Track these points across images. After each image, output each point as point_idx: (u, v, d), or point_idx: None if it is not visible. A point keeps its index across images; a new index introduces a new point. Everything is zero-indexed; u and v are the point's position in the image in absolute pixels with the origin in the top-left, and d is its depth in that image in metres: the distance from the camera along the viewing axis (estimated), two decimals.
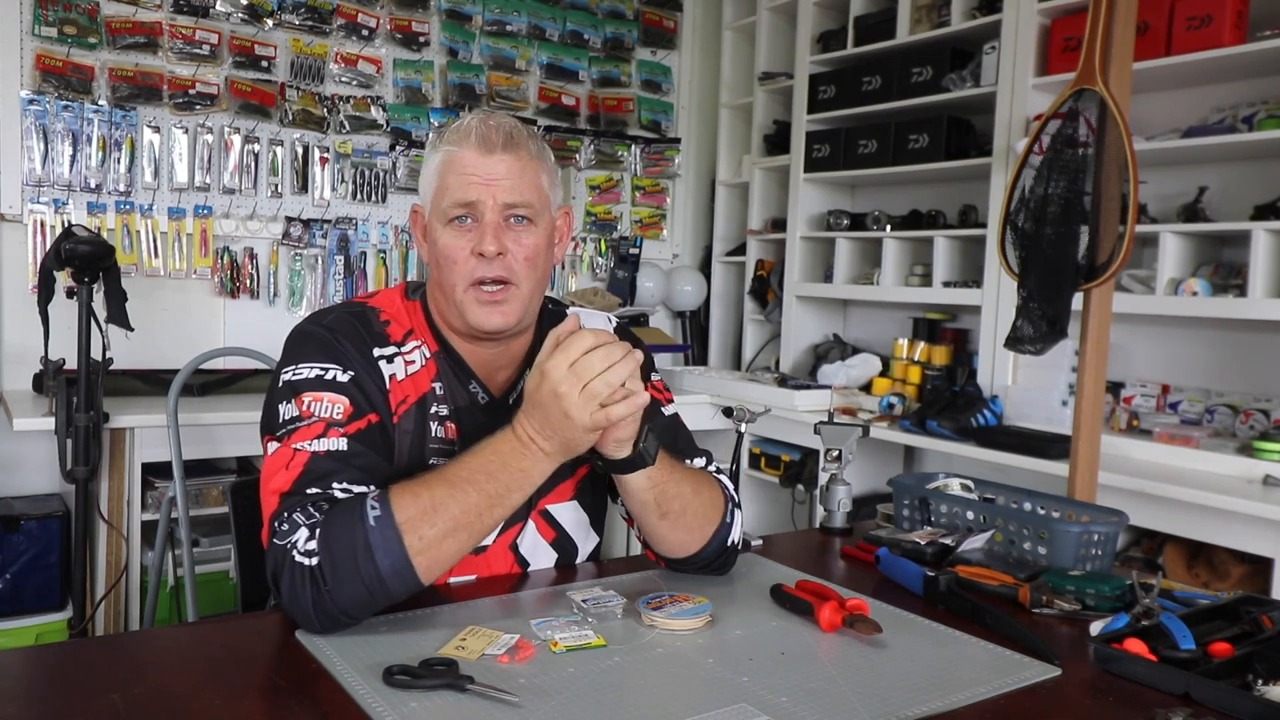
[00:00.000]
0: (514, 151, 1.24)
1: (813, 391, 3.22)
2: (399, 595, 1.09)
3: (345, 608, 1.06)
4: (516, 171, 1.24)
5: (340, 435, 1.16)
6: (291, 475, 1.13)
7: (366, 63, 3.51)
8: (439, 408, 1.30)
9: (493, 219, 1.23)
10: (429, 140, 1.32)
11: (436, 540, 1.08)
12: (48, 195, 3.02)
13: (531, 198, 1.25)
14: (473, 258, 1.23)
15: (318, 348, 1.23)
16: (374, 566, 1.05)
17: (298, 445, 1.15)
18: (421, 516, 1.07)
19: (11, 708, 0.90)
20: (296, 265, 3.42)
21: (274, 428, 1.19)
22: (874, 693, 0.97)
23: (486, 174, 1.22)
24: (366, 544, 1.05)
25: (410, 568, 1.07)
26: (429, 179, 1.27)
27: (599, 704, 0.93)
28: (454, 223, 1.24)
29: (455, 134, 1.25)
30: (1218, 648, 1.06)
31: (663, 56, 4.21)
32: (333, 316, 1.27)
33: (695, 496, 1.27)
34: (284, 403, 1.19)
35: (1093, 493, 2.15)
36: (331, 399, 1.18)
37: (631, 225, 4.18)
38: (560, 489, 1.37)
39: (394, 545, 1.06)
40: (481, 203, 1.23)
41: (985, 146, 3.09)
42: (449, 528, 1.08)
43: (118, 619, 2.62)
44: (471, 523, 1.10)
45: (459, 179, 1.23)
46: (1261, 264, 2.37)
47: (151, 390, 2.85)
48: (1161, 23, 2.57)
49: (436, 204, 1.26)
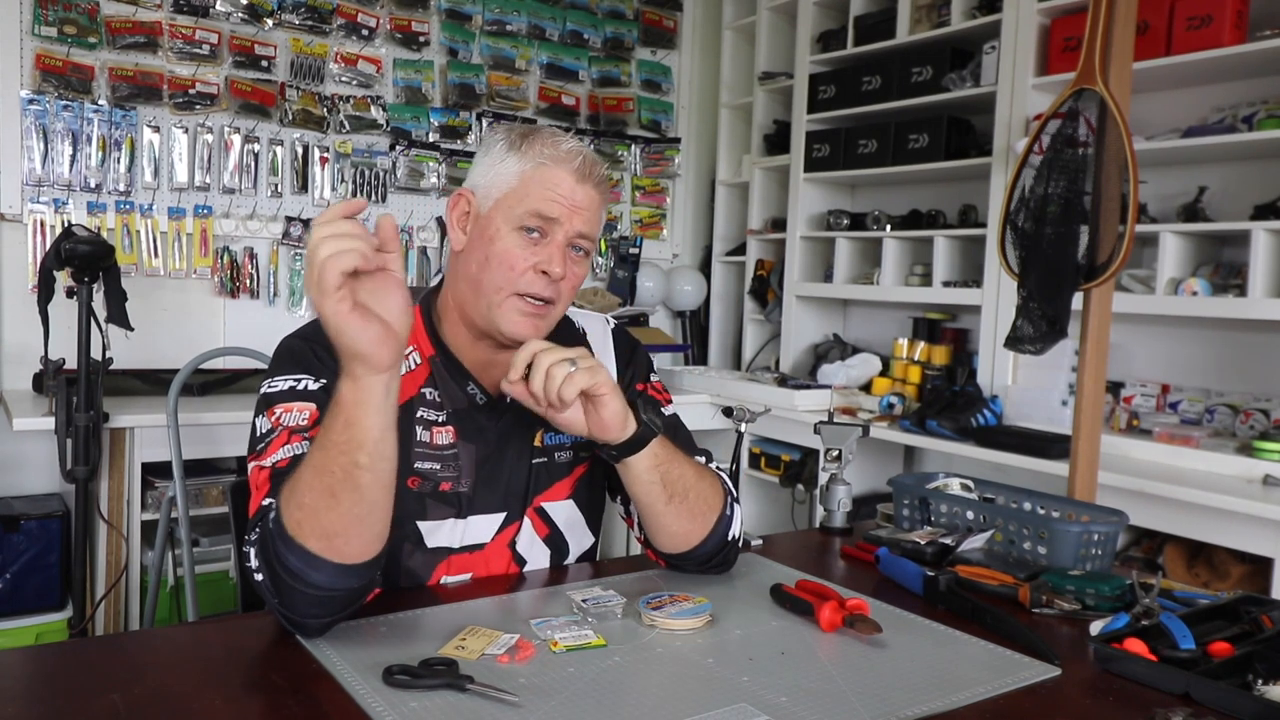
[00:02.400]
0: (599, 188, 1.31)
1: (813, 391, 3.22)
2: (335, 583, 1.03)
3: (300, 613, 1.05)
4: (595, 206, 1.30)
5: (302, 440, 1.16)
6: (259, 495, 1.14)
7: (366, 62, 3.51)
8: (427, 412, 1.30)
9: (562, 241, 1.27)
10: (505, 138, 1.30)
11: (312, 514, 1.02)
12: (48, 195, 3.02)
13: (595, 234, 1.32)
14: (531, 271, 1.26)
15: (292, 360, 1.25)
16: (287, 567, 1.03)
17: (266, 463, 1.16)
18: (290, 499, 1.03)
19: (11, 708, 0.90)
20: (296, 265, 3.42)
21: (252, 446, 1.21)
22: (874, 693, 0.97)
23: (573, 200, 1.27)
24: (276, 549, 1.04)
25: (309, 553, 1.02)
26: (507, 179, 1.28)
27: (599, 704, 0.93)
28: (523, 231, 1.26)
29: (554, 150, 1.27)
30: (1218, 648, 1.06)
31: (663, 56, 4.21)
32: (313, 326, 1.27)
33: (698, 480, 1.30)
34: (259, 416, 1.22)
35: (1093, 493, 2.15)
36: (300, 407, 1.19)
37: (631, 225, 4.18)
38: (557, 487, 1.38)
39: (287, 539, 1.03)
40: (560, 224, 1.26)
41: (985, 146, 3.09)
42: (314, 497, 1.02)
43: (118, 619, 2.62)
44: (331, 483, 1.01)
45: (548, 193, 1.26)
46: (1261, 264, 2.37)
47: (151, 390, 2.85)
48: (1161, 23, 2.58)
49: (509, 206, 1.27)
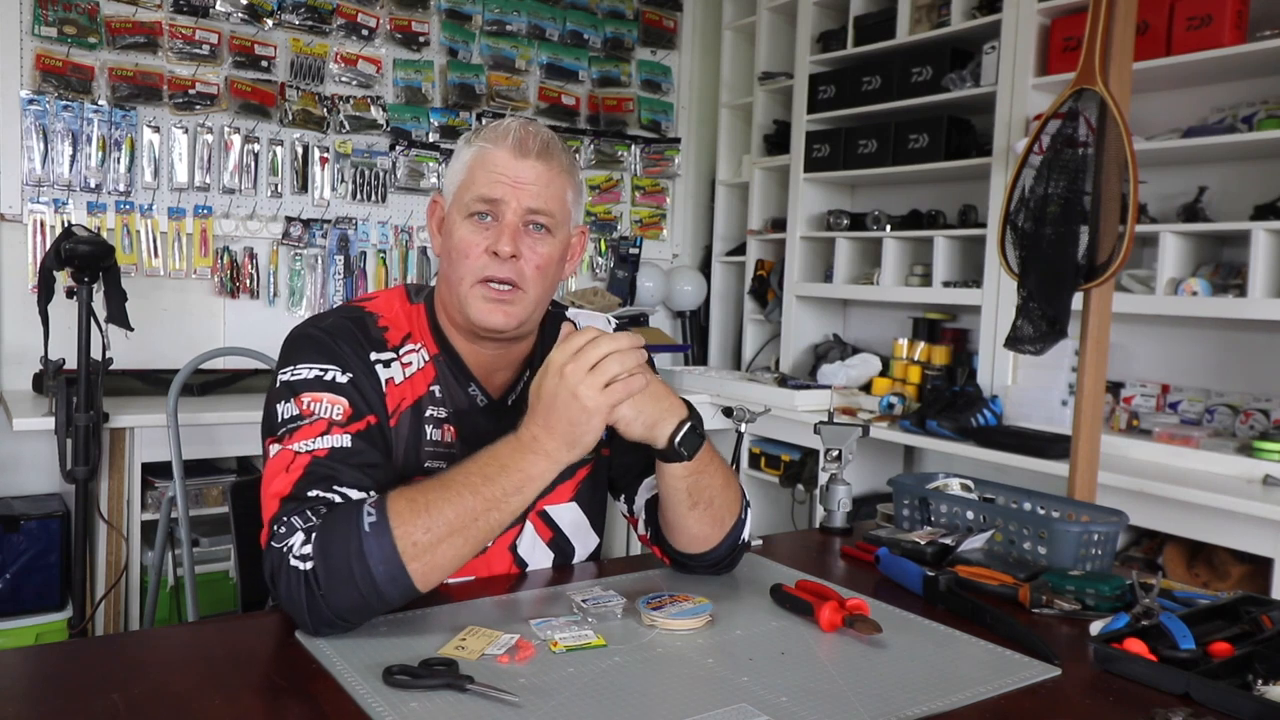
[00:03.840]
0: (546, 160, 1.25)
1: (813, 391, 3.22)
2: (395, 601, 1.08)
3: (340, 612, 1.06)
4: (545, 180, 1.24)
5: (341, 433, 1.16)
6: (291, 478, 1.13)
7: (366, 63, 3.51)
8: (435, 410, 1.29)
9: (513, 221, 1.23)
10: (464, 135, 1.31)
11: (431, 545, 1.06)
12: (48, 195, 3.02)
13: (554, 208, 1.26)
14: (485, 255, 1.23)
15: (316, 349, 1.22)
16: (368, 571, 1.04)
17: (297, 447, 1.15)
18: (416, 521, 1.06)
19: (11, 708, 0.90)
20: (296, 265, 3.42)
21: (274, 428, 1.19)
22: (874, 693, 0.97)
23: (516, 176, 1.23)
24: (360, 549, 1.04)
25: (405, 573, 1.06)
26: (456, 171, 1.27)
27: (599, 704, 0.93)
28: (474, 218, 1.24)
29: (493, 133, 1.26)
30: (1218, 648, 1.06)
31: (663, 56, 4.21)
32: (330, 320, 1.27)
33: (724, 490, 1.28)
34: (283, 402, 1.19)
35: (1093, 493, 2.15)
36: (331, 399, 1.18)
37: (631, 225, 4.18)
38: (559, 490, 1.37)
39: (389, 550, 1.05)
40: (505, 202, 1.23)
41: (985, 146, 3.09)
42: (444, 533, 1.06)
43: (118, 619, 2.62)
44: (467, 527, 1.07)
45: (487, 176, 1.23)
46: (1261, 264, 2.37)
47: (151, 390, 2.85)
48: (1161, 23, 2.58)
49: (459, 197, 1.26)
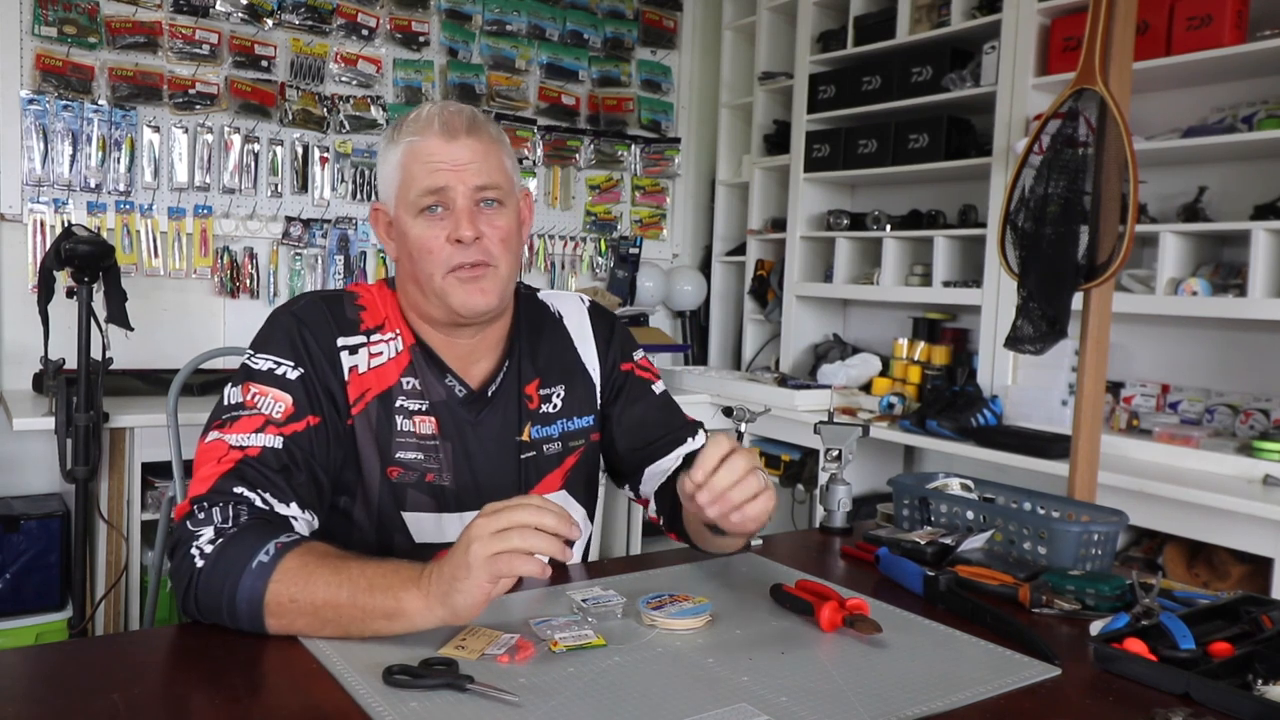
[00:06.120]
0: (477, 135, 1.24)
1: (813, 391, 3.22)
2: (249, 630, 1.06)
3: (203, 613, 1.08)
4: (482, 155, 1.24)
5: (276, 433, 1.17)
6: (221, 469, 1.14)
7: (366, 62, 3.51)
8: (407, 401, 1.29)
9: (465, 204, 1.23)
10: (384, 136, 1.31)
11: (293, 612, 1.04)
12: (48, 195, 3.02)
13: (499, 179, 1.25)
14: (449, 245, 1.23)
15: (282, 338, 1.24)
16: (233, 600, 1.04)
17: (233, 440, 1.16)
18: (294, 584, 1.04)
19: (11, 708, 0.90)
20: (296, 265, 3.42)
21: (219, 411, 1.21)
22: (874, 693, 0.97)
23: (453, 160, 1.22)
24: (238, 580, 1.05)
25: (260, 620, 1.04)
26: (390, 174, 1.26)
27: (599, 704, 0.93)
28: (425, 212, 1.23)
29: (415, 125, 1.24)
30: (1218, 647, 1.06)
31: (663, 56, 4.21)
32: (304, 302, 1.28)
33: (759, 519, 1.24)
34: (234, 386, 1.22)
35: (1093, 493, 2.15)
36: (276, 395, 1.20)
37: (631, 225, 4.18)
38: (548, 479, 1.36)
39: (257, 595, 1.04)
40: (452, 188, 1.22)
41: (985, 146, 3.09)
42: (306, 608, 1.04)
43: (118, 619, 2.62)
44: (327, 620, 1.03)
45: (425, 167, 1.22)
46: (1261, 264, 2.37)
47: (151, 390, 2.85)
48: (1161, 23, 2.57)
49: (403, 197, 1.25)
